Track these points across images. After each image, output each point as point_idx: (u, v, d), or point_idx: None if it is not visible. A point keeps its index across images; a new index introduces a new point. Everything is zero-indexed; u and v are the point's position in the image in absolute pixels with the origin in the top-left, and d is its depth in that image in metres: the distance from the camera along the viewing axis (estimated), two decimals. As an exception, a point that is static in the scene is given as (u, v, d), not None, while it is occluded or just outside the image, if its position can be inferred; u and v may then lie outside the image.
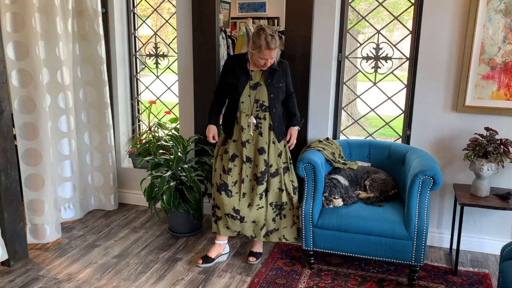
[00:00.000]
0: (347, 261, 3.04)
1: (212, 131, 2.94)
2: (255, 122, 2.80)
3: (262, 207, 2.88)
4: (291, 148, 2.95)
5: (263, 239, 2.96)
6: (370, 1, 6.93)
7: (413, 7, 3.12)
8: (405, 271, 2.91)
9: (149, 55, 3.99)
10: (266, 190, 2.88)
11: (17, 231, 2.97)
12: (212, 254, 3.01)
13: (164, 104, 4.00)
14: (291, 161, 2.98)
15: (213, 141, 2.96)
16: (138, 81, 4.05)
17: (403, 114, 3.33)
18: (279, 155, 2.88)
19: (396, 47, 3.26)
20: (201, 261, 2.96)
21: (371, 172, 3.04)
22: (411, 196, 2.66)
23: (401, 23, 3.54)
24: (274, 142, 2.85)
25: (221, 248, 3.04)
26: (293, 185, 2.95)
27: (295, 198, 2.96)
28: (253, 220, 2.89)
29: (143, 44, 4.00)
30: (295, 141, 2.94)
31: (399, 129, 3.44)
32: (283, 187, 2.90)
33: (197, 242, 3.34)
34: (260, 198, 2.86)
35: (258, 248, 3.07)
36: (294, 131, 2.94)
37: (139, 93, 4.10)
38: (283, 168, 2.90)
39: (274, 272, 2.91)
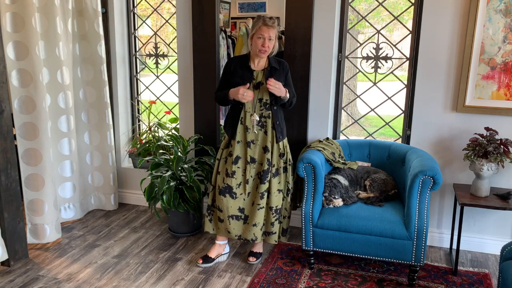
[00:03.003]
0: (347, 261, 3.04)
1: (240, 87, 2.69)
2: (258, 119, 2.79)
3: (263, 207, 2.87)
4: (267, 85, 2.63)
5: (262, 237, 2.96)
6: (370, 1, 6.93)
7: (413, 7, 3.12)
8: (405, 271, 2.91)
9: (149, 55, 3.99)
10: (268, 192, 2.87)
11: (17, 231, 2.97)
12: (212, 254, 3.01)
13: (164, 104, 4.00)
14: (291, 162, 2.97)
15: (245, 90, 2.69)
16: (138, 81, 4.05)
17: (403, 114, 3.33)
18: (280, 156, 2.87)
19: (396, 47, 3.26)
20: (201, 261, 2.96)
21: (371, 172, 3.04)
22: (411, 196, 2.66)
23: (401, 23, 3.54)
24: (277, 141, 2.86)
25: (221, 248, 3.04)
26: (288, 187, 2.96)
27: (287, 199, 2.98)
28: (254, 223, 2.88)
29: (143, 44, 4.00)
30: (274, 85, 2.63)
31: (399, 129, 3.44)
32: (282, 188, 2.91)
33: (197, 242, 3.34)
34: (261, 197, 2.85)
35: (258, 248, 3.07)
36: (279, 84, 2.68)
37: (139, 93, 4.10)
38: (282, 168, 2.90)
39: (274, 272, 2.91)
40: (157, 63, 3.96)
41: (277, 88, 2.67)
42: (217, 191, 2.92)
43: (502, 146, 2.79)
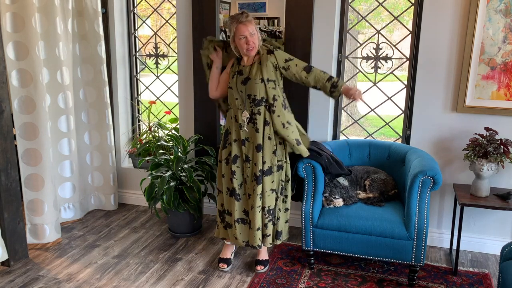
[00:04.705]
0: (347, 261, 3.04)
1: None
2: (248, 116, 2.73)
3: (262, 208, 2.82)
4: (357, 98, 2.65)
5: (270, 242, 2.88)
6: (370, 1, 6.93)
7: (413, 7, 3.12)
8: (405, 271, 2.91)
9: (149, 55, 3.98)
10: (262, 191, 2.78)
11: (17, 231, 2.97)
12: (228, 254, 2.99)
13: (164, 104, 4.00)
14: (287, 159, 2.85)
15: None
16: (138, 81, 4.05)
17: (403, 114, 3.33)
18: (274, 152, 2.77)
19: (396, 47, 3.26)
20: (225, 266, 2.93)
21: (371, 172, 3.04)
22: (411, 196, 2.66)
23: (401, 23, 3.54)
24: (270, 138, 2.74)
25: (232, 247, 3.03)
26: (283, 183, 2.85)
27: (289, 196, 2.90)
28: (257, 227, 2.79)
29: (143, 44, 4.00)
30: (358, 92, 2.65)
31: (399, 129, 3.44)
32: (275, 187, 2.80)
33: (197, 242, 3.34)
34: (261, 198, 2.78)
35: (263, 255, 2.97)
36: (346, 89, 2.67)
37: (139, 93, 4.10)
38: (276, 166, 2.79)
39: (274, 272, 2.90)
40: (157, 63, 3.96)
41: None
42: (227, 193, 2.88)
43: (502, 146, 2.79)
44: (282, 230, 2.92)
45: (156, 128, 3.91)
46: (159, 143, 3.65)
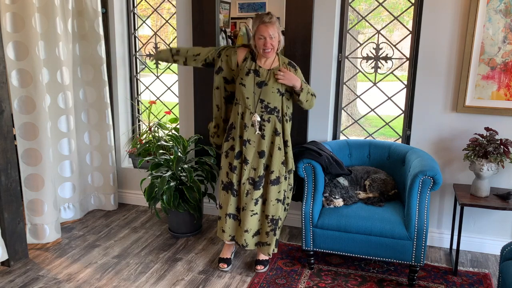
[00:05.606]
0: (347, 261, 3.04)
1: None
2: (259, 119, 2.69)
3: (256, 213, 2.79)
4: (276, 76, 2.65)
5: (254, 247, 2.88)
6: (370, 1, 6.93)
7: (413, 7, 3.12)
8: (405, 271, 2.91)
9: (149, 55, 3.98)
10: (264, 199, 2.78)
11: (17, 231, 2.97)
12: (228, 254, 2.98)
13: (164, 104, 4.00)
14: (294, 167, 2.85)
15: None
16: (138, 81, 4.05)
17: (403, 114, 3.33)
18: (283, 163, 2.75)
19: (396, 47, 3.26)
20: (225, 266, 2.92)
21: (371, 172, 3.04)
22: (411, 196, 2.66)
23: (401, 23, 3.54)
24: (280, 148, 2.72)
25: (232, 247, 3.02)
26: (285, 192, 2.85)
27: (289, 205, 2.89)
28: (246, 229, 2.79)
29: (143, 44, 4.00)
30: (284, 76, 2.63)
31: (399, 129, 3.44)
32: (281, 197, 2.79)
33: (197, 242, 3.34)
34: (255, 203, 2.76)
35: (264, 255, 2.96)
36: (288, 72, 2.66)
37: (139, 93, 4.10)
38: (284, 177, 2.78)
39: (274, 272, 2.90)
40: (157, 63, 3.96)
41: (284, 76, 2.61)
42: (221, 185, 2.87)
43: (502, 146, 2.79)
44: (278, 238, 2.92)
45: (156, 128, 3.91)
46: (159, 143, 3.65)
